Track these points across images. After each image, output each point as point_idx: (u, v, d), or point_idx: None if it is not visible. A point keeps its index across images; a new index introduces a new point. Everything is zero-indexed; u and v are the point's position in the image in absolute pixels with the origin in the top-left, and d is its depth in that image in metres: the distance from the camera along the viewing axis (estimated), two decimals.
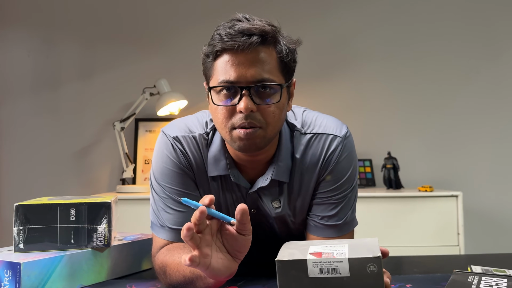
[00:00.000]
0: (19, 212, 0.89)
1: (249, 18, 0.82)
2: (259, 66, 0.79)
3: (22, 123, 2.50)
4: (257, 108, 0.80)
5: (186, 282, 0.80)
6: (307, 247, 0.59)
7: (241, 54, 0.78)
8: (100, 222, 0.92)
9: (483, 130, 2.42)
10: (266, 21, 0.83)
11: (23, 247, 0.88)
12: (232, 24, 0.80)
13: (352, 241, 0.62)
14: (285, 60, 0.83)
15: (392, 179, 2.16)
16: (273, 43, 0.82)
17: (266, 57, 0.80)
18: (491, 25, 2.46)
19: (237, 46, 0.77)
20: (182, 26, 2.50)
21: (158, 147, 0.94)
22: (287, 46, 0.84)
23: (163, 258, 0.87)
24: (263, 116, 0.81)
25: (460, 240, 1.96)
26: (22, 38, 2.53)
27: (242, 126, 0.80)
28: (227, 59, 0.79)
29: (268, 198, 0.93)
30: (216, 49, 0.80)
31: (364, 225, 1.93)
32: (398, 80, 2.46)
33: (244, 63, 0.79)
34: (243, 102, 0.78)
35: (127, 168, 2.28)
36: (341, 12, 2.49)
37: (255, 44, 0.78)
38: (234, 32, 0.78)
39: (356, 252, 0.55)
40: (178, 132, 0.93)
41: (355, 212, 0.98)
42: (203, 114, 0.97)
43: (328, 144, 0.91)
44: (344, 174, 0.92)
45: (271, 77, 0.81)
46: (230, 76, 0.79)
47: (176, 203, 0.91)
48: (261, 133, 0.82)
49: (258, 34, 0.79)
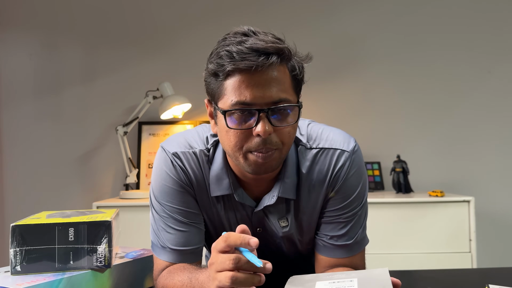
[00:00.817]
0: (16, 233, 0.86)
1: (256, 32, 0.77)
2: (275, 86, 0.74)
3: (25, 127, 2.50)
4: (274, 130, 0.76)
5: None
6: (313, 283, 0.55)
7: (256, 74, 0.73)
8: (100, 242, 0.88)
9: (494, 132, 2.40)
10: (274, 35, 0.78)
11: (20, 269, 0.85)
12: (241, 39, 0.74)
13: (362, 275, 0.57)
14: (298, 78, 0.79)
15: (402, 183, 2.14)
16: (287, 61, 0.77)
17: (281, 76, 0.76)
18: (502, 26, 2.43)
19: (254, 67, 0.72)
20: (185, 29, 2.49)
21: (157, 164, 0.91)
22: (300, 63, 0.80)
23: (164, 281, 0.84)
24: (280, 137, 0.77)
25: (472, 247, 1.94)
26: (24, 41, 2.54)
27: (259, 151, 0.76)
28: (241, 79, 0.74)
29: (275, 217, 0.89)
30: (228, 69, 0.74)
31: (373, 231, 1.90)
32: (407, 82, 2.45)
33: (261, 83, 0.74)
34: (261, 126, 0.74)
35: (130, 173, 2.28)
36: (348, 14, 2.47)
37: (273, 65, 0.73)
38: (247, 50, 0.72)
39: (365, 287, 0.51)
40: (178, 147, 0.89)
41: (366, 229, 0.94)
42: (204, 128, 0.93)
43: (335, 159, 0.87)
44: (353, 191, 0.88)
45: (288, 97, 0.76)
46: (245, 98, 0.74)
47: (177, 222, 0.88)
48: (277, 155, 0.78)
49: (275, 53, 0.73)
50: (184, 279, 0.80)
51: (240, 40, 0.74)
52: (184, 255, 0.87)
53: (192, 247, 0.87)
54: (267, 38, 0.75)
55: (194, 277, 0.77)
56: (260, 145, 0.75)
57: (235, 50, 0.73)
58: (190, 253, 0.87)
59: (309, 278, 0.59)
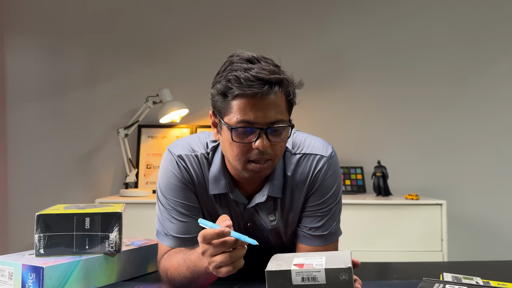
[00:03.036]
0: (40, 221, 0.98)
1: (259, 59, 0.90)
2: (274, 109, 0.89)
3: (29, 128, 2.56)
4: (270, 144, 0.91)
5: (188, 281, 0.91)
6: (291, 259, 0.71)
7: (259, 98, 0.87)
8: (112, 230, 1.02)
9: (469, 141, 2.50)
10: (274, 64, 0.92)
11: (43, 252, 0.98)
12: (247, 66, 0.88)
13: (330, 254, 0.73)
14: (291, 101, 0.94)
15: (381, 187, 2.25)
16: (284, 88, 0.92)
17: (279, 100, 0.90)
18: (480, 40, 2.53)
19: (259, 94, 0.86)
20: (185, 37, 2.57)
21: (164, 164, 1.04)
22: (293, 88, 0.94)
23: (165, 263, 0.97)
24: (274, 150, 0.92)
25: (443, 246, 2.04)
26: (30, 46, 2.60)
27: (257, 161, 0.91)
28: (247, 102, 0.87)
29: (264, 212, 1.03)
30: (236, 93, 0.87)
31: (354, 230, 2.05)
32: (390, 92, 2.54)
33: (262, 107, 0.88)
34: (260, 142, 0.89)
35: (130, 173, 2.37)
36: (335, 26, 2.57)
37: (275, 93, 0.88)
38: (253, 78, 0.86)
39: (331, 263, 0.67)
40: (182, 151, 1.03)
41: (340, 223, 1.09)
42: (204, 134, 1.07)
43: (315, 163, 1.02)
44: (329, 190, 1.03)
45: (283, 118, 0.91)
46: (249, 118, 0.88)
47: (179, 214, 1.01)
48: (270, 164, 0.93)
49: (277, 83, 0.88)
50: (179, 259, 0.93)
51: (246, 67, 0.87)
52: (184, 242, 1.00)
53: (191, 235, 1.01)
54: (269, 67, 0.89)
55: (187, 258, 0.90)
56: (258, 156, 0.91)
57: (243, 76, 0.86)
58: (189, 241, 1.00)
59: (289, 255, 0.75)
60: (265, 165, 0.92)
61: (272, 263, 0.71)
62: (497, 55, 2.53)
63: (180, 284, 0.93)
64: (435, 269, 1.27)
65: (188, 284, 0.92)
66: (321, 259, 0.69)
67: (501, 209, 2.48)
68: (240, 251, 0.78)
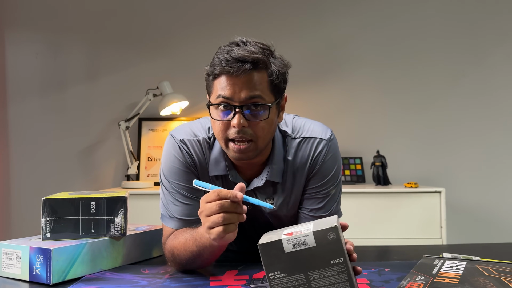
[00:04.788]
0: (46, 205, 1.00)
1: (246, 42, 0.94)
2: (250, 88, 0.91)
3: (31, 122, 2.58)
4: (249, 124, 0.92)
5: (194, 256, 0.92)
6: (282, 231, 0.74)
7: (236, 77, 0.91)
8: (117, 214, 1.03)
9: (466, 130, 2.54)
10: (261, 45, 0.94)
11: (49, 236, 0.99)
12: (230, 48, 0.92)
13: (317, 220, 0.76)
14: (275, 82, 0.95)
15: (381, 176, 2.27)
16: (265, 68, 0.93)
17: (258, 79, 0.92)
18: (476, 31, 2.56)
19: (232, 71, 0.90)
20: (184, 31, 2.59)
21: (167, 148, 1.07)
22: (278, 70, 0.95)
23: (171, 242, 0.99)
24: (254, 130, 0.93)
25: (442, 233, 2.07)
26: (31, 40, 2.61)
27: (235, 139, 0.93)
28: (224, 80, 0.92)
29: (263, 196, 1.05)
30: (215, 71, 0.92)
31: (354, 219, 2.08)
32: (387, 84, 2.57)
33: (238, 85, 0.91)
34: (236, 119, 0.91)
35: (131, 165, 2.39)
36: (333, 18, 2.59)
37: (247, 71, 0.90)
38: (231, 58, 0.90)
39: (318, 227, 0.69)
40: (184, 135, 1.05)
41: (340, 204, 1.11)
42: (206, 120, 1.09)
43: (315, 146, 1.04)
44: (329, 172, 1.05)
45: (261, 97, 0.92)
46: (225, 94, 0.92)
47: (183, 197, 1.03)
48: (252, 146, 0.94)
49: (250, 62, 0.90)
50: (186, 235, 0.95)
51: (229, 49, 0.92)
52: (187, 224, 1.02)
53: (194, 217, 1.02)
54: (251, 49, 0.92)
55: (194, 231, 0.92)
56: (235, 134, 0.93)
57: (223, 58, 0.91)
58: (192, 222, 1.02)
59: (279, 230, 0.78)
60: (246, 146, 0.93)
61: (264, 237, 0.74)
62: (493, 46, 2.56)
63: (186, 260, 0.95)
64: (435, 251, 1.29)
65: (194, 259, 0.93)
66: (309, 225, 0.73)
67: (498, 196, 2.51)
68: (233, 216, 0.80)
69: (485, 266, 0.83)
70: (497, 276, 0.76)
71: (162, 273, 1.00)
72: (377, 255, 1.26)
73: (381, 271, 0.97)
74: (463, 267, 0.82)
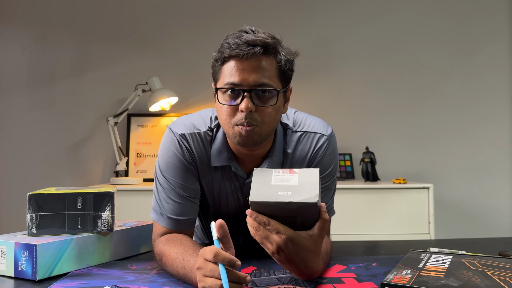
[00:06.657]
0: (32, 201, 0.99)
1: (255, 30, 0.93)
2: (260, 73, 0.90)
3: (18, 118, 2.55)
4: (256, 109, 0.91)
5: (179, 278, 0.88)
6: (271, 171, 0.84)
7: (245, 61, 0.89)
8: (104, 209, 1.02)
9: (454, 127, 2.56)
10: (269, 34, 0.94)
11: (35, 232, 0.98)
12: (240, 34, 0.91)
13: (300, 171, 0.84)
14: (283, 69, 0.95)
15: (370, 172, 2.29)
16: (274, 54, 0.93)
17: (267, 65, 0.91)
18: (463, 30, 2.59)
19: (242, 54, 0.88)
20: (173, 26, 2.57)
21: (165, 143, 1.04)
22: (286, 57, 0.95)
23: (162, 247, 0.96)
24: (260, 116, 0.92)
25: (430, 229, 2.09)
26: (18, 35, 2.58)
27: (242, 124, 0.91)
28: (233, 65, 0.90)
29: None
30: (224, 55, 0.90)
31: (344, 214, 2.09)
32: (376, 81, 2.58)
33: (247, 69, 0.89)
34: (244, 103, 0.89)
35: (120, 161, 2.37)
36: (322, 15, 2.60)
37: (257, 53, 0.89)
38: (241, 42, 0.89)
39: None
40: (185, 129, 1.03)
41: (334, 203, 1.11)
42: (206, 112, 1.07)
43: (316, 141, 1.04)
44: (327, 167, 1.05)
45: (270, 83, 0.92)
46: (234, 79, 0.90)
47: (177, 195, 1.01)
48: (257, 131, 0.92)
49: (260, 45, 0.90)
50: (178, 252, 0.89)
51: (239, 35, 0.91)
52: (179, 224, 1.01)
53: (187, 217, 1.02)
54: (260, 34, 0.91)
55: (185, 257, 0.86)
56: (243, 119, 0.91)
57: (232, 42, 0.89)
58: (184, 223, 1.01)
59: (268, 170, 0.84)
60: (250, 128, 0.91)
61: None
62: (481, 44, 2.60)
63: (171, 274, 0.91)
64: (422, 245, 1.30)
65: (178, 279, 0.89)
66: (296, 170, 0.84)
67: (485, 192, 2.54)
68: (235, 287, 0.73)
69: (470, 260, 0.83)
70: (482, 269, 0.77)
71: (149, 268, 0.99)
72: (365, 250, 1.26)
73: (368, 265, 0.98)
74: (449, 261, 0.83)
